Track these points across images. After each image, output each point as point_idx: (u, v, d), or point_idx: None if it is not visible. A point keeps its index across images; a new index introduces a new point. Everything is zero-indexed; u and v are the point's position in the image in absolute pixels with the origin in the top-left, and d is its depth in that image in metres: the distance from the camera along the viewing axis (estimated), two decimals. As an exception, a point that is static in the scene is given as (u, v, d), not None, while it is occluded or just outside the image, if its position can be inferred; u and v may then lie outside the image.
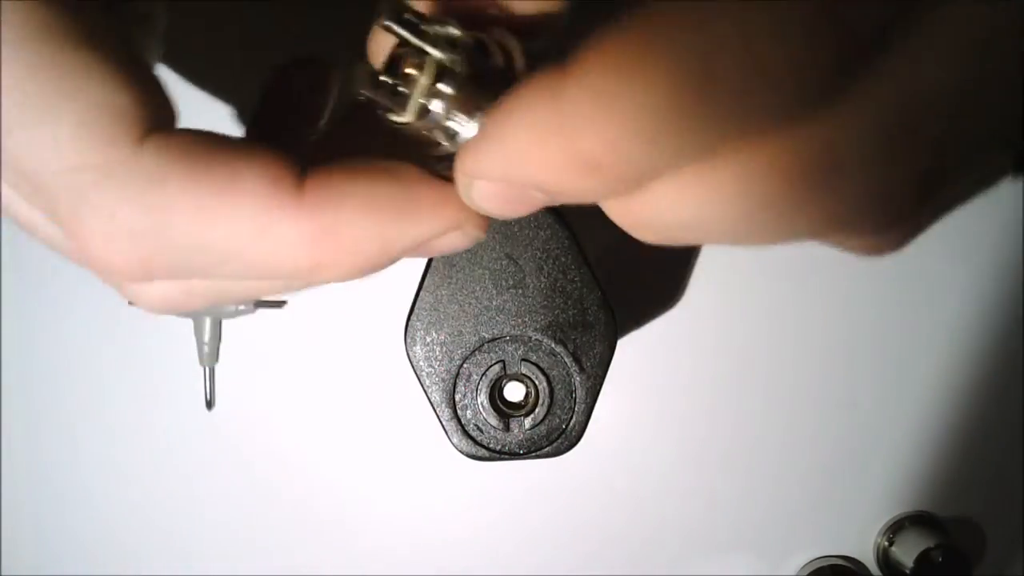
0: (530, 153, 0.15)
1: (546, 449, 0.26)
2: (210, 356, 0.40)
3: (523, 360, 0.26)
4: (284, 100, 0.22)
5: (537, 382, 0.25)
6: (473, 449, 0.26)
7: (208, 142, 0.17)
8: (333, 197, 0.17)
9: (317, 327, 0.42)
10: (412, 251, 0.18)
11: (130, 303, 0.19)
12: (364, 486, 0.43)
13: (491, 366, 0.26)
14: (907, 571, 0.45)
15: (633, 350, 0.43)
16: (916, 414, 0.45)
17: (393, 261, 0.18)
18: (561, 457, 0.45)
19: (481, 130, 0.17)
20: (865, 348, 0.44)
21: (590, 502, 0.45)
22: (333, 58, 0.21)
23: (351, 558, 0.44)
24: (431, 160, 0.18)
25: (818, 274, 0.43)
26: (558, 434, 0.26)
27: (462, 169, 0.17)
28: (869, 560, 0.47)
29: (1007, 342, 0.44)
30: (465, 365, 0.26)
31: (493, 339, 0.26)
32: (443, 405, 0.26)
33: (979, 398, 0.45)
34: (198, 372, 0.40)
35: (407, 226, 0.18)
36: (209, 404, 0.41)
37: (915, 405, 0.45)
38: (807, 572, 0.46)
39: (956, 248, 0.43)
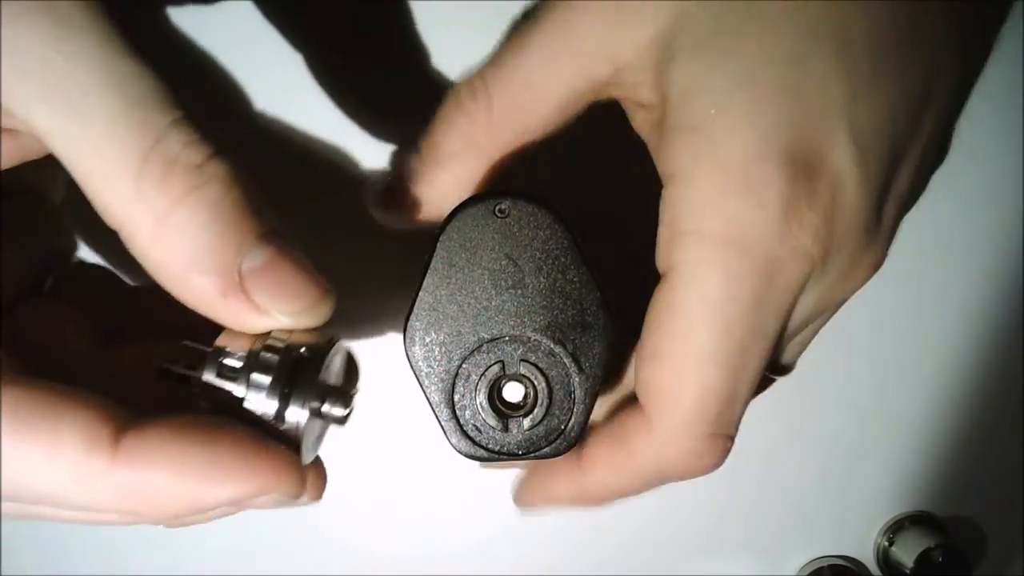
0: (563, 496, 0.28)
1: (544, 450, 0.26)
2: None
3: (522, 360, 0.25)
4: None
5: (536, 383, 0.25)
6: (471, 449, 0.26)
7: (36, 396, 0.18)
8: (144, 457, 0.19)
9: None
10: (229, 508, 0.20)
11: None
12: (364, 486, 0.43)
13: (490, 366, 0.26)
14: (907, 571, 0.45)
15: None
16: (916, 414, 0.45)
17: (212, 513, 0.20)
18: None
19: (527, 483, 0.30)
20: (865, 348, 0.44)
21: (590, 502, 0.45)
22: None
23: (351, 558, 0.44)
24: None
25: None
26: (556, 435, 0.26)
27: (519, 502, 0.31)
28: (869, 560, 0.47)
29: (1007, 342, 0.44)
30: (464, 365, 0.26)
31: (492, 339, 0.25)
32: (442, 405, 0.26)
33: (979, 398, 0.45)
34: (198, 372, 0.40)
35: (213, 489, 0.19)
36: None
37: (915, 405, 0.45)
38: (807, 572, 0.46)
39: (956, 248, 0.43)
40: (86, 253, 0.28)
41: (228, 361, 0.21)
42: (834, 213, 0.24)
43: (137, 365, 0.22)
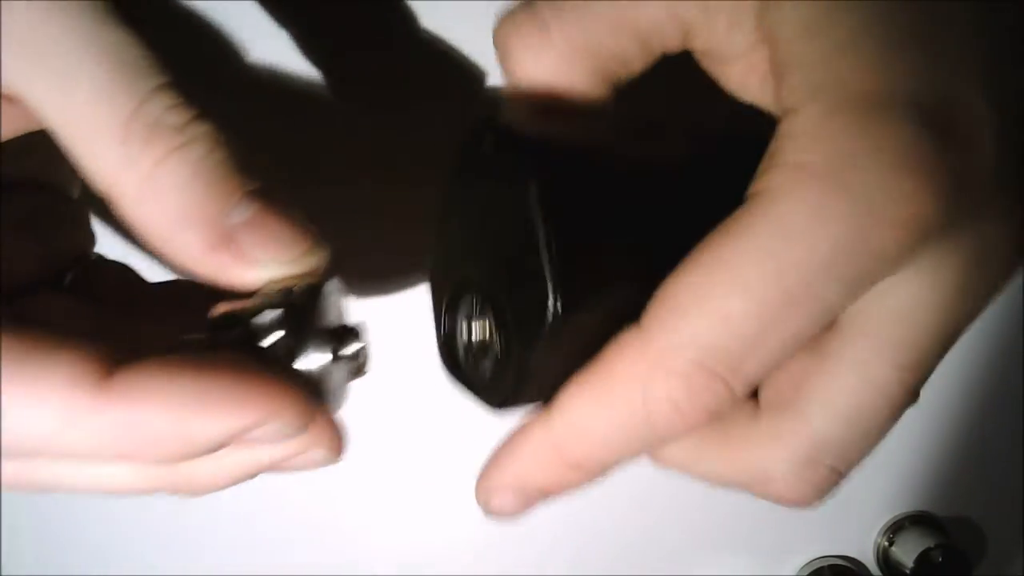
0: (532, 468, 0.22)
1: (482, 395, 0.25)
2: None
3: (481, 307, 0.25)
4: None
5: (490, 333, 0.24)
6: (451, 370, 0.26)
7: (21, 338, 0.18)
8: (135, 391, 0.18)
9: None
10: (227, 443, 0.19)
11: None
12: (364, 486, 0.43)
13: (463, 306, 0.25)
14: (907, 571, 0.45)
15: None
16: (916, 414, 0.45)
17: (211, 451, 0.19)
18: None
19: (492, 458, 0.23)
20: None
21: (590, 502, 0.45)
22: None
23: (351, 558, 0.44)
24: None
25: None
26: (494, 388, 0.24)
27: (483, 486, 0.23)
28: (869, 560, 0.47)
29: (1007, 342, 0.44)
30: (451, 298, 0.25)
31: (463, 281, 0.25)
32: (440, 327, 0.26)
33: (979, 398, 0.45)
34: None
35: (208, 420, 0.19)
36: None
37: (915, 405, 0.45)
38: (807, 572, 0.46)
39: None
40: (105, 247, 0.28)
41: (227, 333, 0.21)
42: (968, 179, 0.20)
43: None
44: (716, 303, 0.19)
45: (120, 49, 0.19)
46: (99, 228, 0.27)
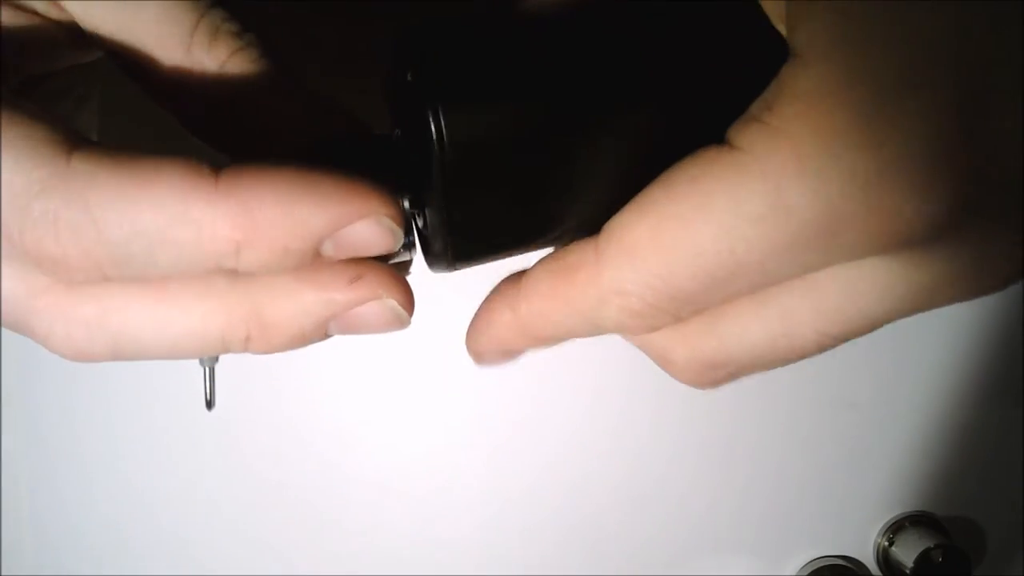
0: (507, 338, 0.23)
1: (434, 260, 0.24)
2: (210, 356, 0.40)
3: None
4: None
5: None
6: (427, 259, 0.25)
7: (127, 149, 0.20)
8: (246, 181, 0.19)
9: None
10: (327, 242, 0.20)
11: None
12: (364, 486, 0.43)
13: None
14: (907, 571, 0.45)
15: (632, 349, 0.43)
16: (916, 414, 0.45)
17: (313, 248, 0.20)
18: (560, 456, 0.45)
19: (475, 320, 0.24)
20: (865, 348, 0.44)
21: (590, 502, 0.45)
22: None
23: (351, 558, 0.44)
24: None
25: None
26: (440, 250, 0.24)
27: (471, 351, 0.24)
28: (869, 560, 0.47)
29: (1007, 342, 0.44)
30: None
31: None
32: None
33: (979, 398, 0.45)
34: (198, 372, 0.40)
35: (318, 206, 0.20)
36: (209, 404, 0.41)
37: (915, 405, 0.45)
38: (807, 572, 0.46)
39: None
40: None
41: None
42: (993, 165, 0.18)
43: None
44: (667, 259, 0.20)
45: None
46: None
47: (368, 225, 0.20)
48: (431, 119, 0.20)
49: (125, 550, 0.43)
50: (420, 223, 0.23)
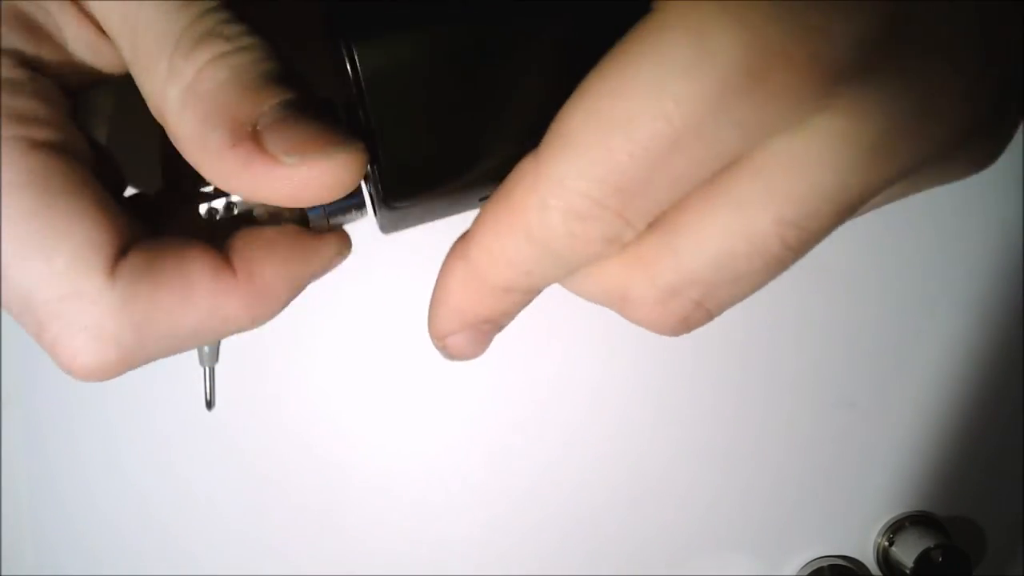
0: (465, 299, 0.22)
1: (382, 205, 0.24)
2: (210, 356, 0.39)
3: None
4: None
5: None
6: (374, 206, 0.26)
7: (155, 254, 0.21)
8: (256, 264, 0.22)
9: (317, 327, 0.42)
10: (312, 281, 0.24)
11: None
12: (365, 486, 0.43)
13: None
14: (907, 571, 0.45)
15: (632, 349, 0.43)
16: (916, 414, 0.45)
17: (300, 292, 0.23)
18: (560, 456, 0.45)
19: (430, 305, 0.23)
20: (865, 348, 0.44)
21: (590, 502, 0.45)
22: None
23: (351, 558, 0.44)
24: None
25: (817, 273, 0.43)
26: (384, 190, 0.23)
27: (434, 335, 0.24)
28: (869, 560, 0.47)
29: (1007, 342, 0.44)
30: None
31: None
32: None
33: (979, 398, 0.45)
34: (198, 372, 0.40)
35: (307, 266, 0.23)
36: (209, 404, 0.41)
37: (915, 405, 0.45)
38: (807, 572, 0.46)
39: (956, 247, 0.43)
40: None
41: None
42: (905, 15, 0.17)
43: None
44: (603, 138, 0.18)
45: None
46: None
47: (340, 259, 0.24)
48: (346, 57, 0.20)
49: (125, 550, 0.43)
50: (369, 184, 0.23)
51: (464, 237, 0.22)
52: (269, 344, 0.41)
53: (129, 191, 0.27)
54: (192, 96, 0.20)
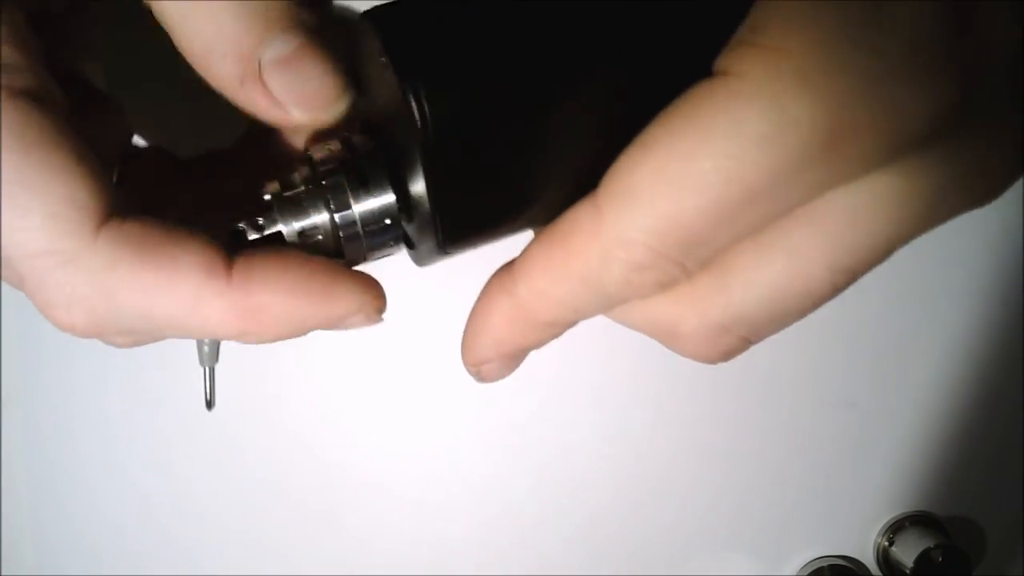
0: (508, 333, 0.22)
1: (421, 247, 0.24)
2: (210, 356, 0.39)
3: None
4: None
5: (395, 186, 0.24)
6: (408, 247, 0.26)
7: (152, 230, 0.21)
8: (257, 280, 0.21)
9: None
10: (323, 328, 0.22)
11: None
12: (364, 486, 0.43)
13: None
14: (907, 571, 0.45)
15: (632, 349, 0.43)
16: (916, 414, 0.45)
17: (307, 333, 0.22)
18: (560, 456, 0.45)
19: (468, 329, 0.23)
20: (865, 348, 0.44)
21: (590, 502, 0.45)
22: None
23: (351, 558, 0.44)
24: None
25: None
26: (428, 235, 0.23)
27: (469, 362, 0.23)
28: (869, 560, 0.47)
29: (1007, 342, 0.44)
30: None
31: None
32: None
33: (979, 398, 0.45)
34: (198, 372, 0.40)
35: (318, 309, 0.22)
36: (209, 404, 0.40)
37: (915, 405, 0.45)
38: (807, 572, 0.46)
39: (956, 247, 0.43)
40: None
41: (294, 195, 0.22)
42: (990, 55, 0.18)
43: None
44: (671, 195, 0.19)
45: None
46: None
47: (359, 319, 0.22)
48: (413, 103, 0.19)
49: (125, 550, 0.43)
50: (405, 216, 0.23)
51: (509, 272, 0.22)
52: (269, 344, 0.41)
53: (140, 142, 0.26)
54: (198, 13, 0.20)
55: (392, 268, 0.24)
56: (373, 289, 0.22)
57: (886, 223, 0.19)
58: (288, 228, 0.22)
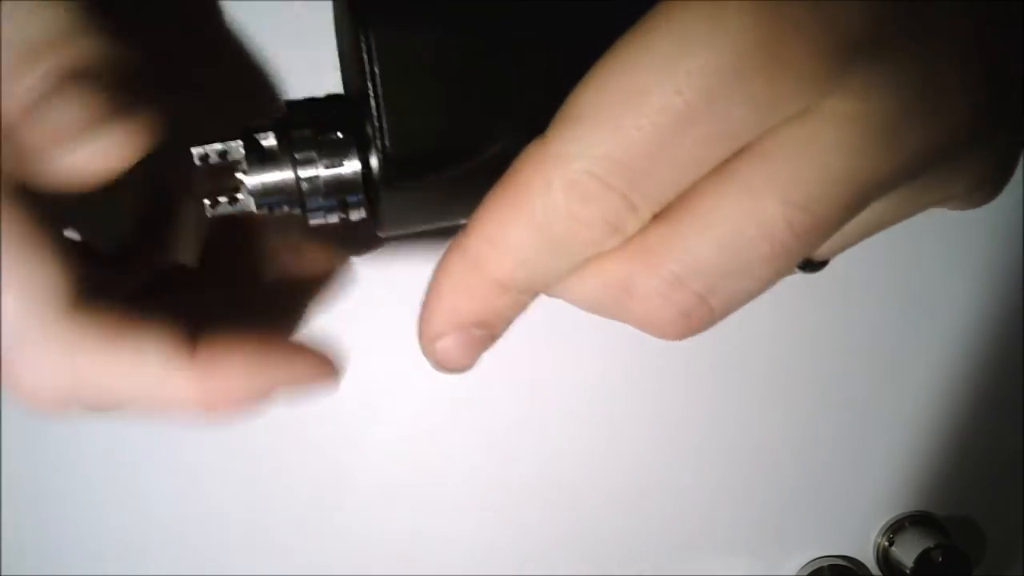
0: (460, 296, 0.21)
1: (378, 218, 0.25)
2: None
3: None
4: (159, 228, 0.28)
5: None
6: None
7: (119, 314, 0.22)
8: (219, 359, 0.22)
9: (317, 327, 0.42)
10: (284, 393, 0.24)
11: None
12: (365, 486, 0.43)
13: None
14: (907, 571, 0.45)
15: (632, 349, 0.43)
16: (916, 414, 0.45)
17: (264, 405, 0.24)
18: (559, 456, 0.45)
19: (422, 305, 0.22)
20: (865, 347, 0.44)
21: (589, 501, 0.45)
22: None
23: (351, 558, 0.44)
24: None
25: (818, 273, 0.43)
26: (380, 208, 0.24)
27: (424, 337, 0.23)
28: (869, 560, 0.47)
29: (1007, 342, 0.44)
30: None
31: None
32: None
33: (979, 398, 0.45)
34: (198, 372, 0.40)
35: (272, 370, 0.23)
36: (209, 404, 0.41)
37: (915, 405, 0.45)
38: (807, 572, 0.46)
39: (956, 247, 0.43)
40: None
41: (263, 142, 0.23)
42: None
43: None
44: (611, 112, 0.18)
45: None
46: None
47: (319, 388, 0.25)
48: (362, 41, 0.21)
49: (125, 550, 0.43)
50: (369, 180, 0.23)
51: (463, 229, 0.21)
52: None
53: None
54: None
55: (392, 268, 0.24)
56: (327, 363, 0.25)
57: (839, 153, 0.19)
58: (253, 182, 0.23)
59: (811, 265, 0.23)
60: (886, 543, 0.46)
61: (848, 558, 0.47)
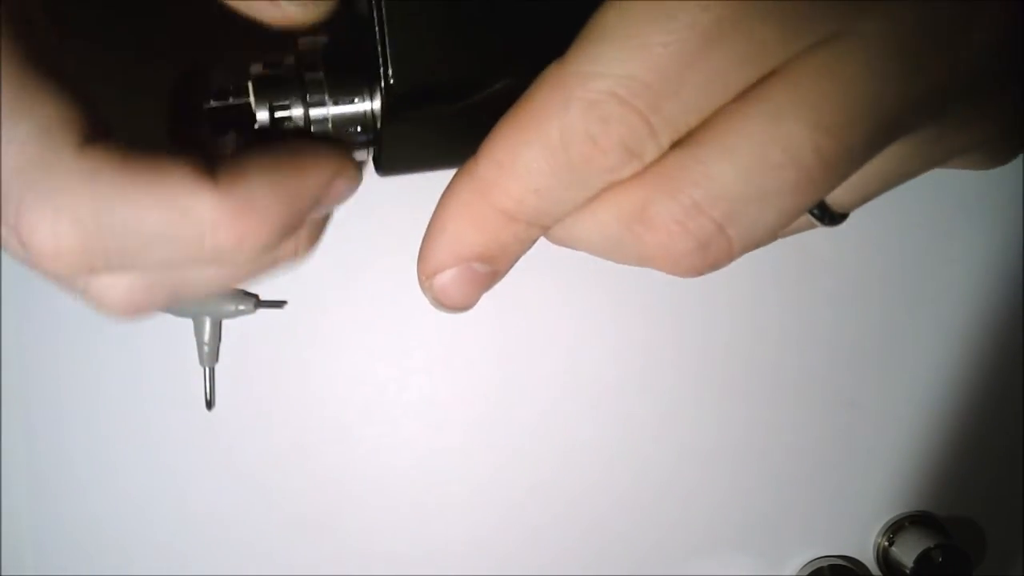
0: (465, 225, 0.20)
1: (382, 157, 0.24)
2: (210, 356, 0.40)
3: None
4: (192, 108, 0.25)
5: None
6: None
7: (133, 149, 0.20)
8: (241, 175, 0.20)
9: (317, 327, 0.42)
10: (314, 208, 0.21)
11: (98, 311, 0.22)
12: (364, 486, 0.43)
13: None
14: (907, 571, 0.45)
15: (633, 349, 0.43)
16: (916, 414, 0.45)
17: (302, 221, 0.21)
18: (560, 457, 0.45)
19: (424, 236, 0.21)
20: (865, 348, 0.44)
21: (590, 502, 0.45)
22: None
23: (350, 558, 0.44)
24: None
25: (818, 273, 0.43)
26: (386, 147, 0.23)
27: (423, 271, 0.21)
28: (869, 560, 0.47)
29: (1007, 342, 0.44)
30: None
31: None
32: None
33: (979, 398, 0.45)
34: (198, 372, 0.40)
35: (305, 182, 0.21)
36: (209, 404, 0.41)
37: (915, 405, 0.45)
38: (807, 572, 0.46)
39: (956, 247, 0.43)
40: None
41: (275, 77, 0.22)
42: None
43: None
44: (635, 31, 0.18)
45: None
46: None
47: (340, 186, 0.21)
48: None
49: (125, 550, 0.43)
50: (374, 118, 0.22)
51: (473, 156, 0.20)
52: (269, 344, 0.41)
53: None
54: None
55: (393, 269, 0.24)
56: (342, 151, 0.22)
57: (866, 75, 0.18)
58: (262, 111, 0.22)
59: (832, 217, 0.22)
60: (886, 543, 0.46)
61: (848, 558, 0.47)
